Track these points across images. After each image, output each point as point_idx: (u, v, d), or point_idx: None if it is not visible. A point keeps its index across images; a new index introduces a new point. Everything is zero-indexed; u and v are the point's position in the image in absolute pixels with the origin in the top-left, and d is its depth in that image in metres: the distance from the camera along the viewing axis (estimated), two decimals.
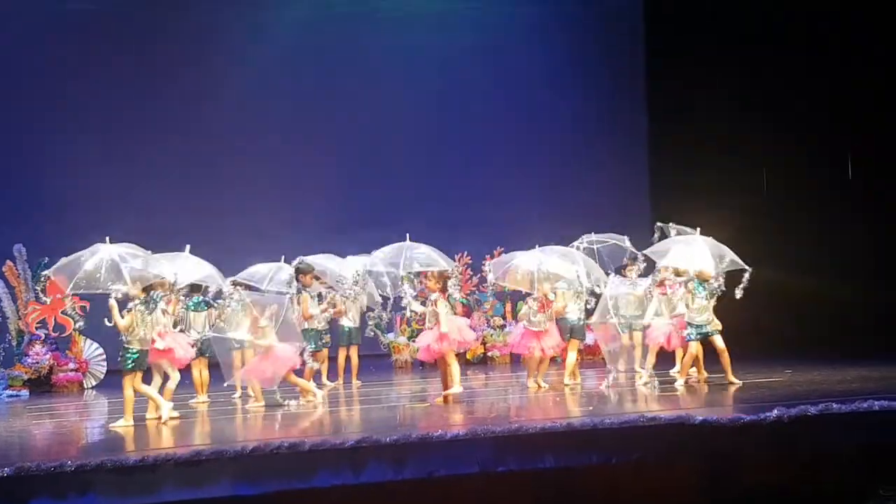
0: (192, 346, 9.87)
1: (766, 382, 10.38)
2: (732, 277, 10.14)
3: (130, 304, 8.84)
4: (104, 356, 13.17)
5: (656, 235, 11.08)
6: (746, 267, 10.09)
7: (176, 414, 9.21)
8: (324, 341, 10.86)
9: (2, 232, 14.08)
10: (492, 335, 14.93)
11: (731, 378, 10.27)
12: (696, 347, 10.30)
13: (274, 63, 16.17)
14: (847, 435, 7.92)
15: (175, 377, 9.55)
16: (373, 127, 16.49)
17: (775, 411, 7.85)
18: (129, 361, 8.90)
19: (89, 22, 15.64)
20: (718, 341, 10.20)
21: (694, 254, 10.22)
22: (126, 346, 8.90)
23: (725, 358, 10.24)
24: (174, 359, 9.36)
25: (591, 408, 9.10)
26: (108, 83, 15.55)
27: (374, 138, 16.52)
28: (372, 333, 11.18)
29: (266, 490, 7.09)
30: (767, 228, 14.45)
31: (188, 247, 10.17)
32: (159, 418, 9.02)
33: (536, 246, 10.60)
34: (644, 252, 10.93)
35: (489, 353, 14.82)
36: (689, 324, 10.26)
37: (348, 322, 11.63)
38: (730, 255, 10.24)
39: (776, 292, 12.34)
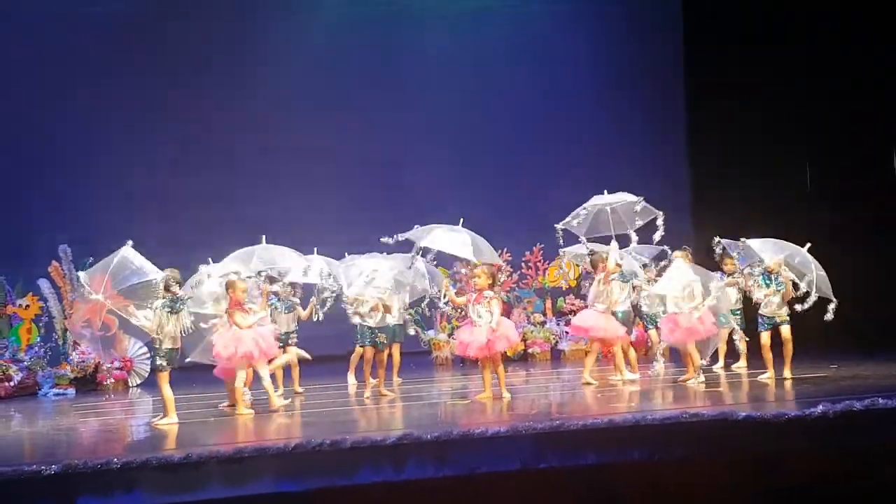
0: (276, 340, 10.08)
1: (811, 378, 10.28)
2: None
3: (155, 305, 8.97)
4: (148, 355, 13.31)
5: (717, 250, 10.99)
6: (832, 298, 10.20)
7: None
8: (378, 339, 10.80)
9: (47, 233, 14.24)
10: (532, 332, 14.90)
11: (788, 372, 10.29)
12: (765, 338, 10.37)
13: (307, 63, 16.17)
14: (893, 430, 7.82)
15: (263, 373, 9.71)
16: (409, 124, 16.48)
17: (820, 407, 7.76)
18: (160, 360, 9.04)
19: (122, 24, 15.72)
20: (784, 331, 10.31)
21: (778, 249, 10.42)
22: (157, 346, 9.03)
23: (788, 350, 10.31)
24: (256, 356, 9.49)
25: (632, 404, 9.05)
26: (151, 87, 15.62)
27: (411, 136, 16.51)
28: (413, 331, 11.23)
29: (309, 487, 7.14)
30: (811, 225, 14.26)
31: (263, 237, 10.38)
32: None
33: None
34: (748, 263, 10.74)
35: (530, 350, 14.78)
36: (760, 315, 10.39)
37: (391, 319, 11.64)
38: (811, 274, 10.29)
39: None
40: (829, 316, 10.10)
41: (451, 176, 16.53)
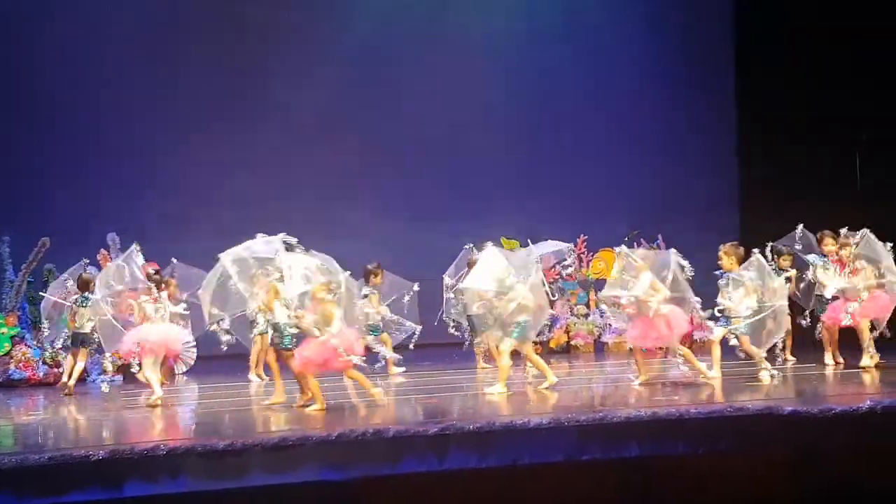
0: None
1: (859, 373, 10.15)
2: None
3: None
4: (194, 343, 13.43)
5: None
6: None
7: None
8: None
9: (95, 220, 14.41)
10: (575, 324, 14.85)
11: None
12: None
13: (354, 54, 16.20)
14: None
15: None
16: (456, 116, 16.43)
17: (868, 402, 7.67)
18: None
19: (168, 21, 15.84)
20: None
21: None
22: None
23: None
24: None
25: (676, 397, 8.99)
26: (199, 81, 15.73)
27: (458, 127, 16.46)
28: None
29: (352, 476, 7.18)
30: (861, 219, 14.06)
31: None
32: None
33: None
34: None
35: (573, 342, 14.75)
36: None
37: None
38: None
39: None
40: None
41: (498, 168, 16.53)
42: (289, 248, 9.02)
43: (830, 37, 14.79)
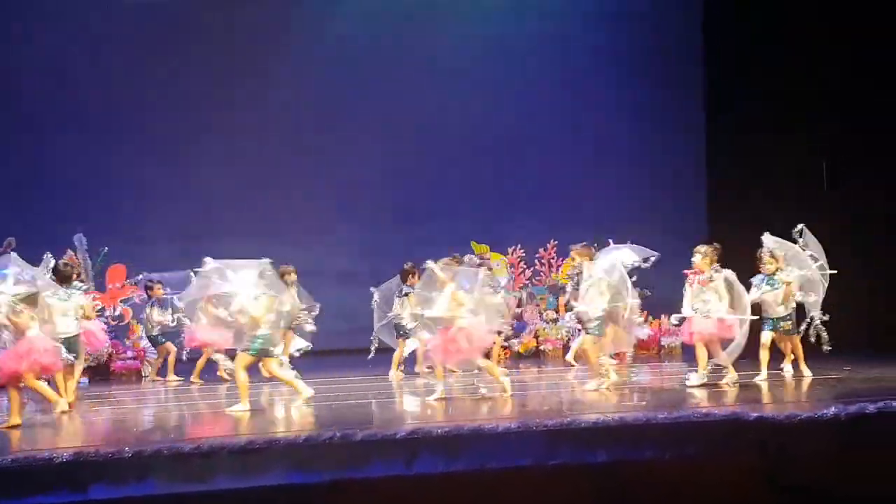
0: None
1: (825, 379, 10.24)
2: None
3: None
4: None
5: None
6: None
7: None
8: None
9: (63, 221, 14.29)
10: (545, 329, 14.90)
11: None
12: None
13: (330, 58, 16.21)
14: None
15: None
16: (426, 120, 16.44)
17: (833, 409, 7.73)
18: None
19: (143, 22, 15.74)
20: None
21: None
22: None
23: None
24: None
25: (644, 403, 9.04)
26: (159, 83, 15.62)
27: (427, 131, 16.47)
28: None
29: (319, 479, 7.15)
30: (827, 222, 14.17)
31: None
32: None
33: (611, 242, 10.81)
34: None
35: (541, 347, 14.79)
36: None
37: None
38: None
39: (836, 288, 12.08)
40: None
41: (466, 173, 16.53)
42: None
43: (798, 42, 14.92)
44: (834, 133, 14.56)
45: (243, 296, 9.18)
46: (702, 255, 10.19)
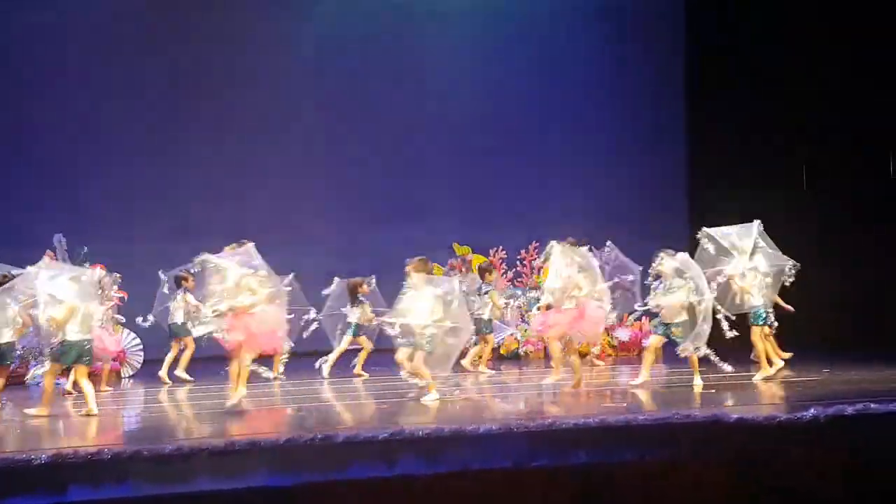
0: None
1: (803, 381, 10.29)
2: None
3: None
4: (141, 346, 13.28)
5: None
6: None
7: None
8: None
9: (42, 222, 14.19)
10: (526, 330, 14.87)
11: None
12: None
13: (308, 57, 16.13)
14: (884, 436, 7.83)
15: None
16: (407, 121, 16.42)
17: (812, 411, 7.78)
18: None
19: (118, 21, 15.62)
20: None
21: None
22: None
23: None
24: None
25: (625, 404, 9.06)
26: (139, 81, 15.48)
27: (408, 132, 16.44)
28: None
29: (300, 481, 7.13)
30: (807, 223, 14.26)
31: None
32: None
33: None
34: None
35: (523, 349, 14.76)
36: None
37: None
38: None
39: (814, 289, 12.17)
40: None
41: (447, 173, 16.51)
42: None
43: (782, 44, 15.01)
44: (812, 134, 14.69)
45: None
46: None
